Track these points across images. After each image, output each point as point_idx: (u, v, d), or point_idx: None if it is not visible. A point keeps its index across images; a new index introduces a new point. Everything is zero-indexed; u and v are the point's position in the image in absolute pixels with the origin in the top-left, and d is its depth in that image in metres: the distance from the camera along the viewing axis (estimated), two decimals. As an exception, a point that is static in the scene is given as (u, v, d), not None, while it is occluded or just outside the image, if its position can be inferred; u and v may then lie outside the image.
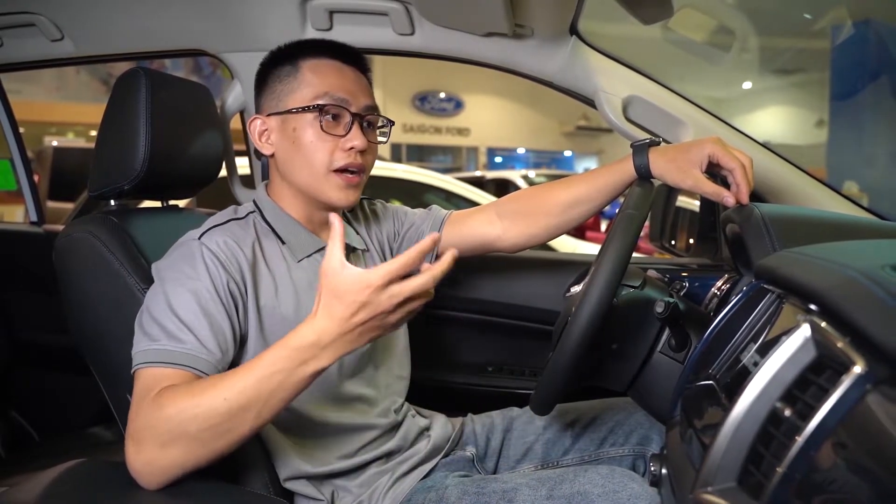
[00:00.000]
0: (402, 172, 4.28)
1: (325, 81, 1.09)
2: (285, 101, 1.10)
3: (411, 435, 1.20)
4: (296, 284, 1.08)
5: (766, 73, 9.87)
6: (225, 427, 0.84)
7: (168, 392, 0.86)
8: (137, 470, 0.86)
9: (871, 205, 1.42)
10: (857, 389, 0.51)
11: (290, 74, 1.11)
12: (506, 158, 16.70)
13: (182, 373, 0.90)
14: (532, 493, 1.03)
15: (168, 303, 0.95)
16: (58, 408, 1.95)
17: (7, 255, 1.90)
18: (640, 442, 1.25)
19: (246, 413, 0.84)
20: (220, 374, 0.90)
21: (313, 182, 1.09)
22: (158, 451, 0.84)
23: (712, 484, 0.62)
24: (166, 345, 0.91)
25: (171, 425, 0.84)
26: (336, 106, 1.08)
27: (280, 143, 1.11)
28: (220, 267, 0.99)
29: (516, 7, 1.30)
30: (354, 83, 1.12)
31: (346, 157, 1.09)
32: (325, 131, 1.08)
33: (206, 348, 0.93)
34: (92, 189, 1.25)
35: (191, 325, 0.93)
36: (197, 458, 0.85)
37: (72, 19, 1.57)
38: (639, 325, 1.06)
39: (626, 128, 1.42)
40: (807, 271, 0.69)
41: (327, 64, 1.11)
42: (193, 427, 0.83)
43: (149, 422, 0.85)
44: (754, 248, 0.99)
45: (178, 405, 0.84)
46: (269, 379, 0.84)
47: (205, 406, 0.83)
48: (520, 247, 1.32)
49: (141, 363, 0.91)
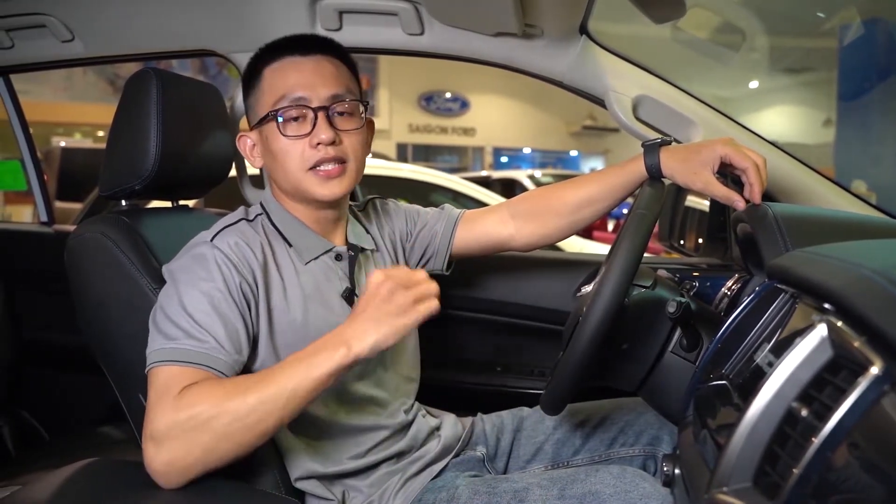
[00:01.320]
0: (409, 172, 4.29)
1: (281, 83, 1.07)
2: (255, 113, 1.11)
3: (421, 435, 1.20)
4: (303, 288, 1.08)
5: (775, 73, 9.84)
6: (254, 419, 0.86)
7: (193, 389, 0.88)
8: (158, 470, 0.86)
9: (879, 203, 1.41)
10: (874, 390, 0.51)
11: (255, 85, 1.11)
12: (512, 158, 16.69)
13: (201, 372, 0.91)
14: (543, 492, 1.02)
15: (182, 304, 0.95)
16: (67, 407, 1.95)
17: (17, 255, 1.91)
18: (650, 442, 1.25)
19: (273, 404, 0.87)
20: (246, 376, 0.93)
21: (296, 183, 1.09)
22: (182, 450, 0.85)
23: (727, 484, 0.61)
24: (185, 344, 0.92)
25: (196, 422, 0.85)
26: (293, 107, 1.06)
27: (263, 155, 1.13)
28: (233, 268, 1.00)
29: (526, 7, 1.30)
30: (313, 75, 1.08)
31: (316, 153, 1.07)
32: (288, 135, 1.06)
33: (224, 348, 0.94)
34: (103, 189, 1.26)
35: (206, 325, 0.94)
36: (222, 454, 0.87)
37: (82, 20, 1.58)
38: (650, 325, 1.06)
39: (636, 127, 1.41)
40: (821, 271, 0.69)
41: (284, 63, 1.09)
42: (222, 422, 0.85)
43: (173, 422, 0.86)
44: (766, 247, 0.99)
45: (206, 402, 0.86)
46: (294, 371, 0.88)
47: (236, 401, 0.86)
48: (532, 246, 1.33)
49: (157, 361, 0.92)
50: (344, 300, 1.12)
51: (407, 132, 15.27)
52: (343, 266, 1.15)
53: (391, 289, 0.88)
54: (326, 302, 1.10)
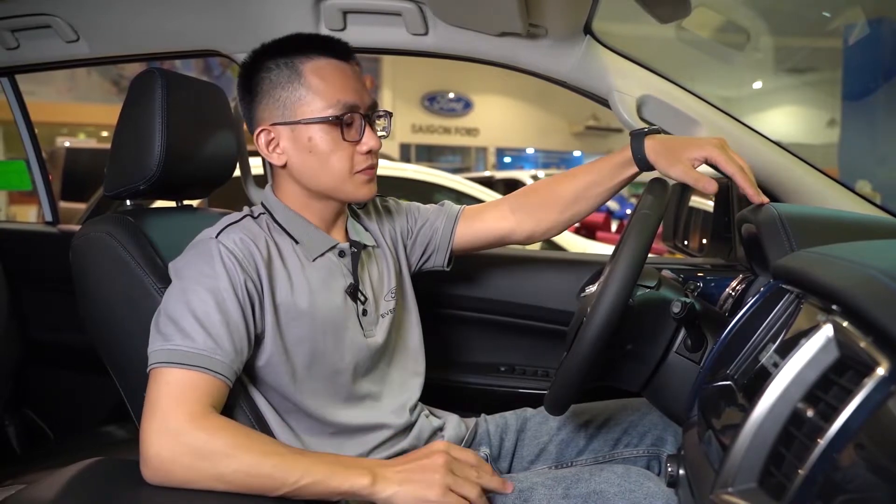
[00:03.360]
0: (412, 172, 4.29)
1: (333, 87, 1.07)
2: (294, 111, 1.07)
3: (425, 435, 1.20)
4: (310, 282, 1.09)
5: (779, 73, 9.82)
6: (257, 483, 0.88)
7: (220, 422, 0.91)
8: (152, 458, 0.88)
9: (884, 204, 1.40)
10: (880, 390, 0.51)
11: (291, 80, 1.07)
12: (515, 158, 16.69)
13: (198, 375, 0.92)
14: (548, 492, 1.02)
15: (186, 301, 0.96)
16: (72, 406, 1.96)
17: (22, 255, 1.91)
18: (654, 443, 1.25)
19: (280, 483, 0.88)
20: (274, 440, 0.98)
21: (338, 185, 1.10)
22: (187, 460, 0.87)
23: (732, 485, 0.61)
24: (180, 345, 0.93)
25: (212, 450, 0.88)
26: (353, 113, 1.08)
27: (294, 153, 1.09)
28: (238, 265, 1.00)
29: (530, 7, 1.30)
30: (357, 83, 1.11)
31: (366, 159, 1.10)
32: (347, 140, 1.08)
33: (221, 348, 0.94)
34: (108, 189, 1.26)
35: (206, 323, 0.94)
36: (208, 486, 0.88)
37: (87, 20, 1.58)
38: (654, 325, 1.06)
39: (640, 127, 1.41)
40: (827, 271, 0.68)
41: (328, 65, 1.09)
42: (233, 467, 0.87)
43: (193, 435, 0.88)
44: (771, 247, 0.98)
45: (230, 441, 0.89)
46: (318, 468, 0.90)
47: (254, 457, 0.88)
48: (533, 239, 1.34)
49: (154, 363, 0.93)
50: (348, 296, 1.13)
51: (410, 132, 15.27)
52: (346, 262, 1.15)
53: (444, 464, 0.93)
54: (332, 297, 1.11)
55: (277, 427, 1.07)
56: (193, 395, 0.91)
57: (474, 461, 0.99)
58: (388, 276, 1.24)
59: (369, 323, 1.16)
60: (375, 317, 1.18)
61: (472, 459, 0.99)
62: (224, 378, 0.94)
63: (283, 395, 1.07)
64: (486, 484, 0.98)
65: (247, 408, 1.05)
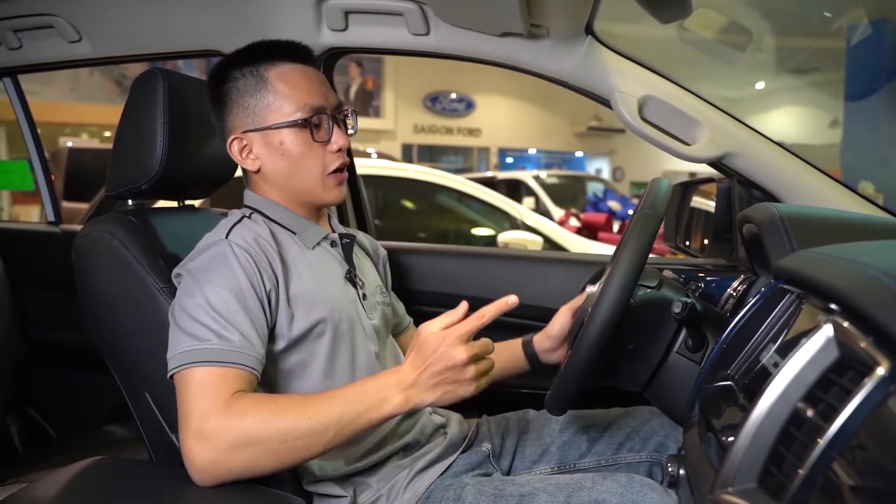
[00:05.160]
0: (414, 173, 4.29)
1: (300, 91, 1.11)
2: (264, 117, 1.11)
3: (427, 430, 1.20)
4: (315, 268, 1.12)
5: (781, 73, 9.81)
6: (303, 443, 0.90)
7: (247, 401, 0.92)
8: (200, 467, 0.89)
9: (886, 205, 1.40)
10: (880, 390, 0.51)
11: (258, 87, 1.11)
12: (517, 159, 16.67)
13: (236, 371, 0.94)
14: (550, 498, 1.02)
15: (208, 303, 0.97)
16: (74, 405, 1.96)
17: (25, 255, 1.91)
18: (657, 448, 1.25)
19: (323, 435, 0.91)
20: (301, 395, 0.99)
21: (312, 188, 1.14)
22: (230, 453, 0.89)
23: (732, 485, 0.61)
24: (217, 344, 0.95)
25: (250, 433, 0.89)
26: (321, 114, 1.11)
27: (268, 158, 1.13)
28: (253, 262, 1.02)
29: (532, 7, 1.30)
30: (320, 83, 1.15)
31: (337, 158, 1.14)
32: (317, 141, 1.11)
33: (252, 344, 0.97)
34: (110, 189, 1.26)
35: (235, 323, 0.97)
36: (263, 466, 0.91)
37: (90, 21, 1.58)
38: (655, 325, 1.06)
39: (642, 128, 1.41)
40: (828, 271, 0.68)
41: (293, 70, 1.13)
42: (274, 439, 0.89)
43: (226, 426, 0.89)
44: (772, 248, 0.98)
45: (262, 415, 0.90)
46: (351, 407, 0.92)
47: (289, 420, 0.90)
48: None
49: (190, 362, 0.94)
50: (348, 282, 1.16)
51: (412, 133, 15.26)
52: (339, 251, 1.20)
53: (464, 362, 0.90)
54: (335, 282, 1.14)
55: None
56: (225, 390, 0.92)
57: (477, 324, 0.93)
58: (373, 274, 1.29)
59: (369, 307, 1.19)
60: (373, 302, 1.21)
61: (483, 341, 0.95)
62: (256, 372, 0.97)
63: (306, 380, 1.08)
64: (492, 312, 0.94)
65: None
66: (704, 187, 1.94)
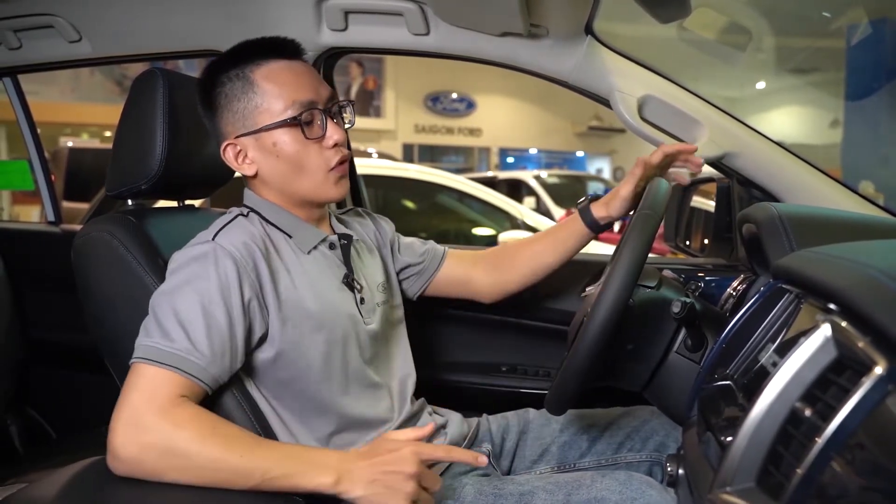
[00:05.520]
0: (415, 173, 4.29)
1: (286, 88, 1.07)
2: (254, 120, 1.07)
3: (427, 430, 1.20)
4: (309, 274, 1.10)
5: (781, 73, 9.80)
6: (223, 477, 0.88)
7: (189, 412, 0.90)
8: (120, 456, 0.88)
9: (887, 204, 1.40)
10: (878, 390, 0.51)
11: (245, 90, 1.07)
12: (518, 159, 16.67)
13: (173, 374, 0.92)
14: (549, 496, 1.02)
15: (171, 301, 0.97)
16: (75, 406, 1.96)
17: (25, 255, 1.92)
18: (656, 448, 1.25)
19: (247, 478, 0.88)
20: (242, 431, 0.94)
21: (315, 186, 1.11)
22: (154, 456, 0.88)
23: (731, 484, 0.62)
24: (158, 342, 0.93)
25: (179, 445, 0.87)
26: (311, 111, 1.08)
27: (263, 161, 1.10)
28: (234, 268, 0.99)
29: (531, 7, 1.30)
30: (310, 78, 1.10)
31: (336, 153, 1.10)
32: (308, 138, 1.08)
33: (198, 350, 0.94)
34: (109, 188, 1.26)
35: (187, 324, 0.95)
36: (177, 480, 0.89)
37: (90, 21, 1.58)
38: (655, 325, 1.06)
39: (641, 128, 1.41)
40: (826, 271, 0.68)
41: (278, 67, 1.09)
42: (200, 461, 0.88)
43: (160, 429, 0.88)
44: (772, 247, 0.98)
45: (197, 434, 0.88)
46: (284, 463, 0.90)
47: (220, 450, 0.88)
48: (492, 295, 1.40)
49: (137, 357, 0.94)
50: (345, 286, 1.14)
51: (413, 133, 15.27)
52: (337, 254, 1.17)
53: (410, 475, 0.89)
54: (331, 287, 1.12)
55: (280, 429, 1.08)
56: (164, 391, 0.91)
57: (443, 455, 0.95)
58: (375, 270, 1.25)
59: (367, 311, 1.17)
60: (372, 305, 1.19)
61: (442, 454, 0.95)
62: (197, 380, 0.94)
63: (299, 388, 1.07)
64: (457, 458, 0.96)
65: (248, 409, 1.05)
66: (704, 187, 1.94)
